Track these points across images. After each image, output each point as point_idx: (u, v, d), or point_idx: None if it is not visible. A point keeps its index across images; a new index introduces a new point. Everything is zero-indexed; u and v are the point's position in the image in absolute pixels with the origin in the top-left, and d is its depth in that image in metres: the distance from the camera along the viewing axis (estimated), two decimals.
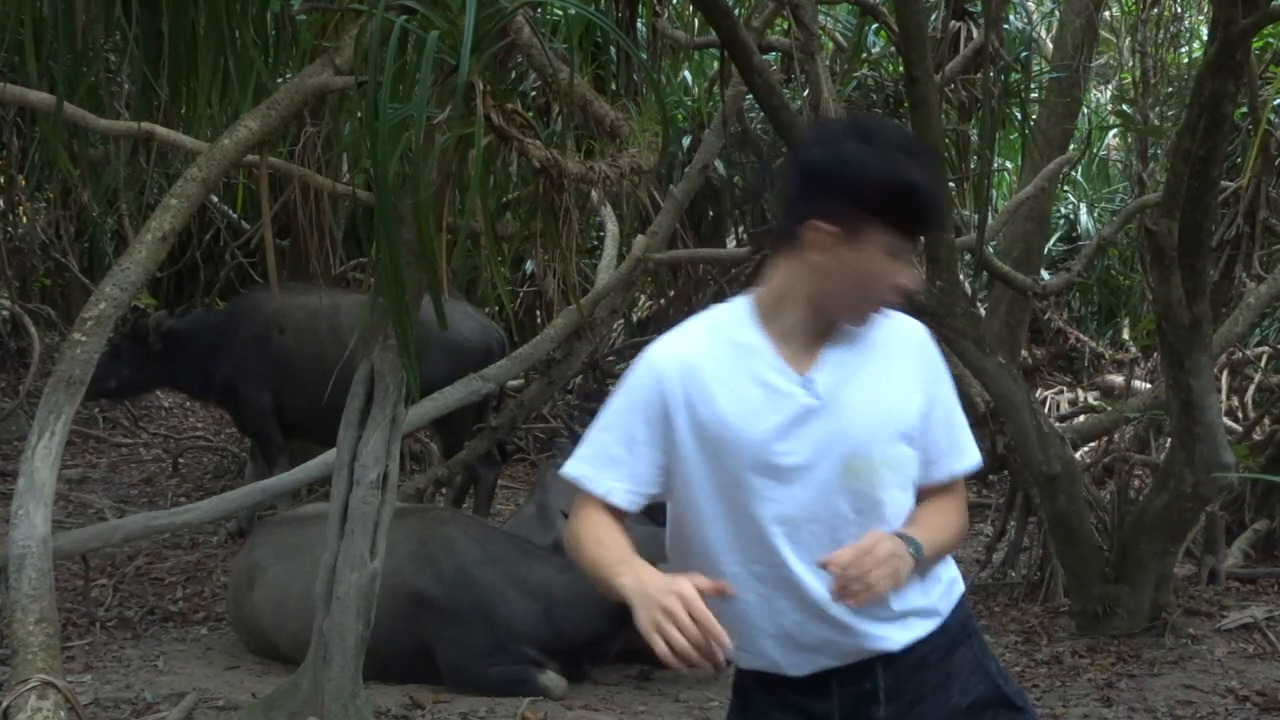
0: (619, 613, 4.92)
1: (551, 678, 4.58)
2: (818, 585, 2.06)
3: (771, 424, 2.06)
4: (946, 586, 2.19)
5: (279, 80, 4.52)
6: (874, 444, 2.08)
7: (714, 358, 2.10)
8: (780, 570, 2.09)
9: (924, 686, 2.15)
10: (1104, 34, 10.34)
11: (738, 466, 2.08)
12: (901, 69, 6.44)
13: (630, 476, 2.13)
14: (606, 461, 2.13)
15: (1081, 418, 8.07)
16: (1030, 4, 10.29)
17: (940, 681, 2.16)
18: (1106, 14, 9.61)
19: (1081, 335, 10.81)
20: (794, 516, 2.07)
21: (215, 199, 8.61)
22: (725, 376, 2.09)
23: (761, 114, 6.87)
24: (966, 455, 2.19)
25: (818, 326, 2.10)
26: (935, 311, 5.15)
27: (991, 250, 7.10)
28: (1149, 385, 8.03)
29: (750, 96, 6.40)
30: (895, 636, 2.12)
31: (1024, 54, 8.94)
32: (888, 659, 2.13)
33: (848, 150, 2.02)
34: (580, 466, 2.14)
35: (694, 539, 2.16)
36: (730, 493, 2.10)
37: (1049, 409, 8.86)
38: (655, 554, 5.31)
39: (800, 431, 2.06)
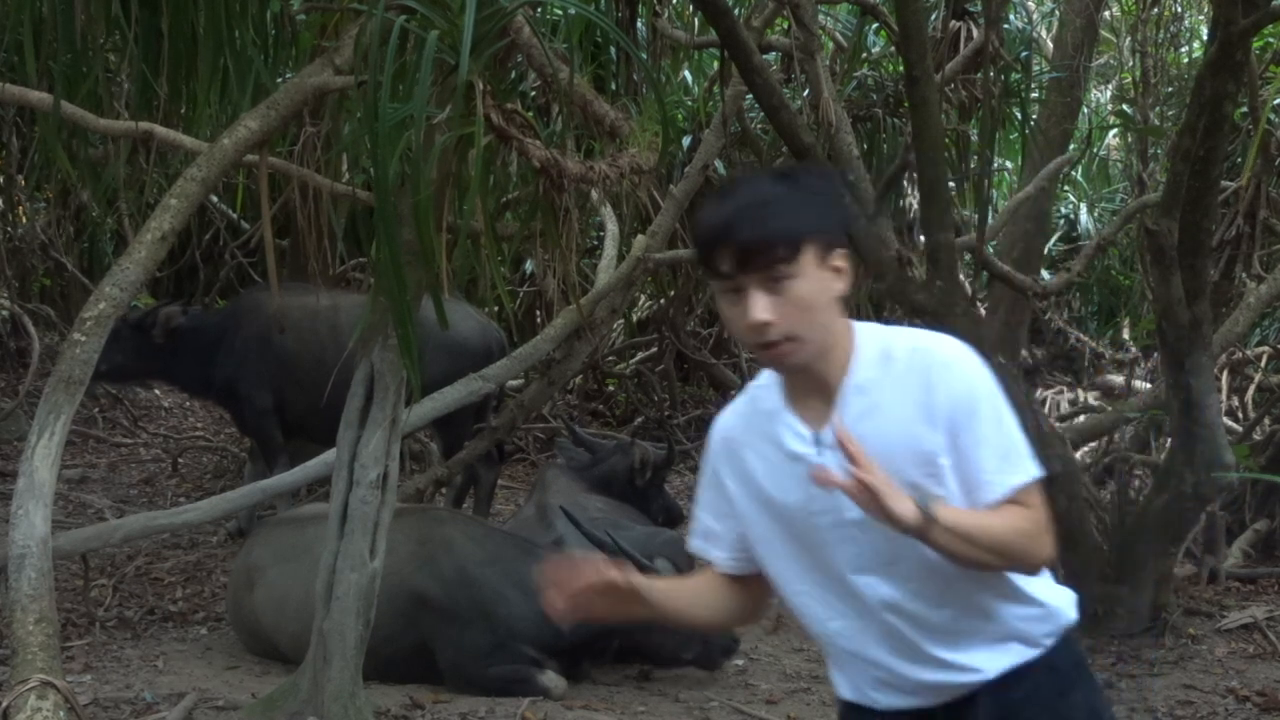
0: None
1: (551, 678, 4.58)
2: (905, 629, 2.08)
3: (796, 487, 2.08)
4: (1045, 613, 2.13)
5: (279, 80, 4.52)
6: None
7: (747, 427, 2.17)
8: (864, 620, 2.11)
9: None
10: (1104, 34, 10.34)
11: (789, 528, 2.12)
12: (901, 69, 6.44)
13: (727, 545, 2.22)
14: (704, 533, 2.25)
15: (1081, 418, 8.07)
16: (1030, 4, 10.29)
17: None
18: (1106, 14, 9.61)
19: (1081, 335, 10.80)
20: (857, 569, 2.09)
21: (215, 199, 8.62)
22: (756, 443, 2.15)
23: (761, 114, 6.86)
24: (1010, 473, 2.03)
25: (811, 378, 2.07)
26: (935, 311, 5.15)
27: (991, 250, 7.10)
28: (1149, 385, 8.03)
29: (750, 96, 6.40)
30: (988, 665, 2.10)
31: (1024, 54, 8.94)
32: (990, 690, 2.09)
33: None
34: (694, 541, 2.28)
35: (784, 597, 2.19)
36: (794, 550, 2.14)
37: (1049, 409, 8.85)
38: (653, 551, 5.31)
39: (821, 491, 2.03)
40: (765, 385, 2.16)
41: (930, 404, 2.03)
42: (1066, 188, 11.52)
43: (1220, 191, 5.88)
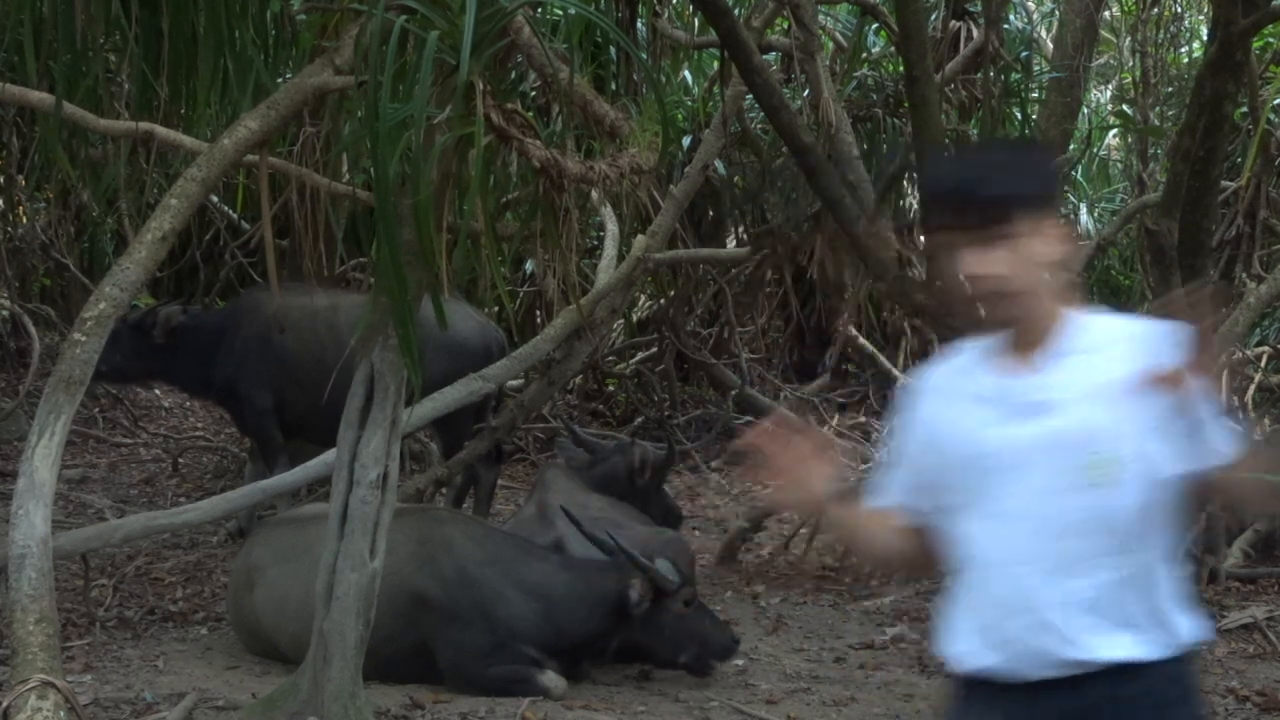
0: (618, 611, 4.94)
1: (551, 678, 4.57)
2: (1036, 585, 2.13)
3: (982, 430, 2.19)
4: (1172, 625, 2.17)
5: (279, 80, 4.52)
6: (1085, 444, 2.11)
7: (947, 376, 2.33)
8: (1001, 571, 2.17)
9: None
10: (1104, 34, 10.34)
11: (964, 471, 2.21)
12: (901, 69, 6.44)
13: (904, 493, 2.33)
14: (884, 480, 2.37)
15: None
16: (1030, 4, 10.30)
17: None
18: (1106, 14, 9.61)
19: None
20: (1020, 515, 2.15)
21: (215, 199, 8.62)
22: (950, 391, 2.29)
23: (761, 114, 6.87)
24: (1214, 452, 2.10)
25: (1020, 335, 2.20)
26: (935, 312, 5.16)
27: None
28: None
29: (750, 96, 6.40)
30: (1100, 649, 2.13)
31: (1024, 54, 8.95)
32: (1100, 677, 2.13)
33: None
34: (874, 488, 2.38)
35: (952, 544, 2.27)
36: (965, 497, 2.22)
37: None
38: (653, 551, 5.32)
39: (1010, 435, 2.16)
40: (976, 343, 2.30)
41: (1141, 368, 2.09)
42: (1066, 188, 11.52)
43: (1220, 191, 5.88)
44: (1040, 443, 2.13)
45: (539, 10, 5.25)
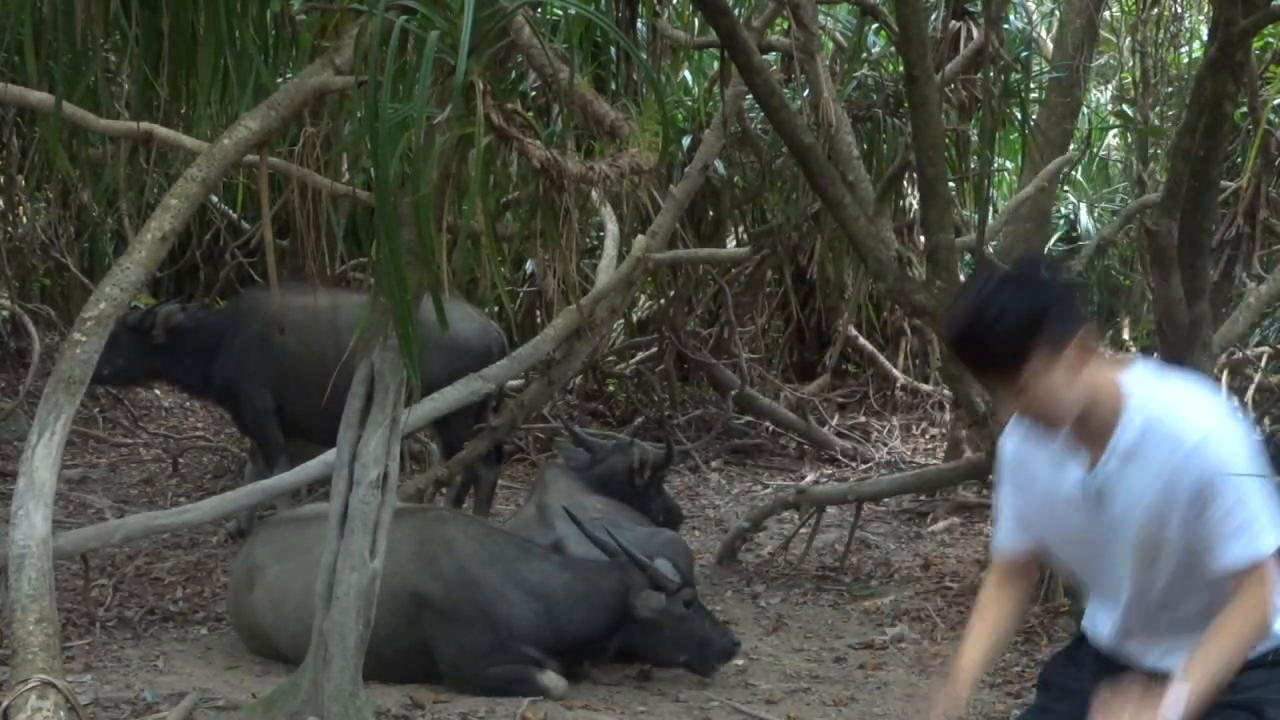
0: (619, 612, 4.95)
1: (551, 678, 4.58)
2: (1133, 612, 2.47)
3: (1066, 510, 2.46)
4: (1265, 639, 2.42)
5: (279, 80, 4.52)
6: (1131, 534, 2.37)
7: (1029, 445, 2.50)
8: (1103, 594, 2.55)
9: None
10: (1104, 34, 10.33)
11: (1057, 540, 2.57)
12: (901, 69, 6.44)
13: (1030, 529, 2.65)
14: (1010, 527, 2.66)
15: None
16: (1030, 4, 10.30)
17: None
18: (1106, 14, 9.61)
19: None
20: (1091, 572, 2.58)
21: (215, 199, 8.62)
22: (1036, 462, 2.50)
23: (761, 114, 6.87)
24: (1245, 548, 2.29)
25: (1075, 434, 2.40)
26: (935, 311, 5.16)
27: (991, 250, 7.10)
28: None
29: (750, 96, 6.40)
30: (1162, 663, 2.45)
31: (1024, 54, 8.94)
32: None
33: None
34: (1000, 537, 2.69)
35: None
36: (1061, 554, 2.63)
37: None
38: (653, 551, 5.32)
39: (1083, 519, 2.43)
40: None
41: (1178, 480, 2.31)
42: (1066, 188, 11.51)
43: (1220, 191, 5.88)
44: (1105, 527, 2.39)
45: (539, 10, 5.25)
